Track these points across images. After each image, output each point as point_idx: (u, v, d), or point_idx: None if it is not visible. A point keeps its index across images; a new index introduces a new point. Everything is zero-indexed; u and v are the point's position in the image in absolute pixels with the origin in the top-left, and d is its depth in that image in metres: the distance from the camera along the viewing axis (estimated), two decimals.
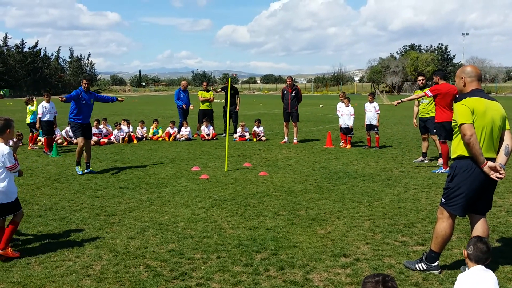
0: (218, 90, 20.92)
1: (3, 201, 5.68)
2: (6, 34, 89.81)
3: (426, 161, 12.45)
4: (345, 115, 15.66)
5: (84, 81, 11.52)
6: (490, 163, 4.91)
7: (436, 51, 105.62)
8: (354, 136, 16.61)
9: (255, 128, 17.94)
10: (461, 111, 4.98)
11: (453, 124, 5.17)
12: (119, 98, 12.42)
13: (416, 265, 5.37)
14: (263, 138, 17.56)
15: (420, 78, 12.67)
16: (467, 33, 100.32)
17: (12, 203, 5.78)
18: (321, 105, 43.60)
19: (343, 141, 15.86)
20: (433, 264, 5.28)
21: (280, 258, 5.68)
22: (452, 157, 5.24)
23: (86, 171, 11.22)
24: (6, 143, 5.84)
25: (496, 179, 4.94)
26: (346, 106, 15.72)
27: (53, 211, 7.82)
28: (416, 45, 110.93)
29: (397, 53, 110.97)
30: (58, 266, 5.47)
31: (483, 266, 3.85)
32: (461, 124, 4.94)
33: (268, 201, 8.44)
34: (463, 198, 5.08)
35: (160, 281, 5.07)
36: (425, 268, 5.31)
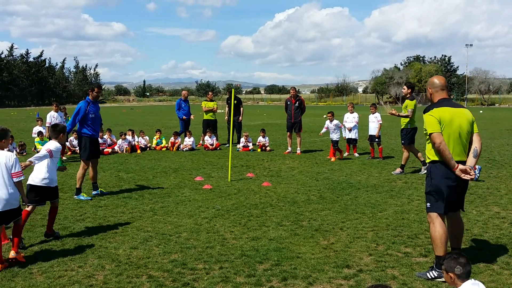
0: (226, 109, 19.67)
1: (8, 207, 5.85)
2: (12, 45, 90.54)
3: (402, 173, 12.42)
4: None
5: (96, 89, 9.94)
6: (460, 166, 5.36)
7: (440, 62, 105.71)
8: (358, 147, 16.58)
9: (260, 138, 17.95)
10: (429, 122, 5.49)
11: (424, 132, 5.60)
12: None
13: (428, 273, 5.46)
14: (268, 148, 17.57)
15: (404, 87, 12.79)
16: (471, 45, 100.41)
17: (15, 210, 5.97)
18: (324, 116, 43.66)
19: (347, 152, 15.90)
20: None
21: (283, 269, 5.67)
22: (427, 161, 5.71)
23: (94, 192, 9.80)
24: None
25: (467, 179, 5.39)
26: (331, 121, 15.28)
27: (56, 220, 7.81)
28: (420, 56, 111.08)
29: (401, 64, 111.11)
30: (60, 276, 5.47)
31: (471, 279, 3.81)
32: (430, 134, 5.45)
33: (271, 211, 8.43)
34: (442, 196, 5.49)
35: None
36: (436, 275, 5.39)
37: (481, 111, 59.28)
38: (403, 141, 12.56)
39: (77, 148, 16.79)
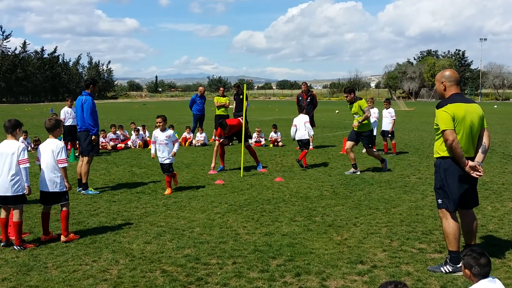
0: (234, 105, 18.87)
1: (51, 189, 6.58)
2: (24, 41, 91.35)
3: (358, 172, 11.73)
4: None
5: (97, 83, 10.10)
6: (470, 163, 5.34)
7: (454, 57, 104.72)
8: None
9: (272, 133, 17.93)
10: (443, 118, 5.37)
11: (435, 127, 5.55)
12: None
13: (442, 268, 5.44)
14: (280, 144, 17.55)
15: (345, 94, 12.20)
16: (485, 39, 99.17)
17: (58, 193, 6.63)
18: (337, 111, 43.47)
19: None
20: (458, 265, 5.31)
21: (296, 264, 5.65)
22: (435, 156, 5.64)
23: (84, 191, 9.59)
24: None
25: (476, 176, 5.38)
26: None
27: (71, 215, 7.86)
28: (433, 51, 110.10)
29: (414, 59, 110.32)
30: (75, 270, 5.51)
31: (489, 277, 3.77)
32: (443, 130, 5.35)
33: (284, 207, 8.41)
34: (453, 193, 5.45)
35: (176, 286, 5.07)
36: (450, 270, 5.38)
37: (495, 106, 58.71)
38: (370, 145, 11.88)
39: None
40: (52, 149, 6.57)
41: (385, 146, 15.28)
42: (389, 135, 15.05)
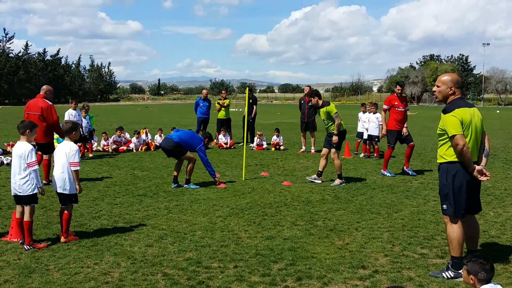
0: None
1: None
2: (26, 42, 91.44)
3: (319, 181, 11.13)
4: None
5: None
6: (477, 167, 5.36)
7: (457, 62, 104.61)
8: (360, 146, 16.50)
9: (274, 137, 17.93)
10: (452, 122, 5.33)
11: (439, 132, 5.54)
12: None
13: (443, 273, 5.42)
14: (282, 148, 17.55)
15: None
16: (488, 44, 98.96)
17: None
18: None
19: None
20: (460, 271, 5.27)
21: (297, 268, 5.65)
22: (439, 162, 5.61)
23: (187, 185, 10.61)
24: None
25: (484, 180, 5.41)
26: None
27: (72, 217, 7.86)
28: (436, 55, 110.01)
29: (417, 63, 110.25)
30: (76, 272, 5.51)
31: (492, 283, 3.77)
32: (453, 135, 5.30)
33: (285, 211, 8.41)
34: (460, 199, 5.43)
35: None
36: (452, 275, 5.36)
37: (498, 111, 58.60)
38: (339, 149, 10.91)
39: (111, 145, 16.79)
40: (66, 151, 6.64)
41: (367, 150, 15.47)
42: (376, 139, 15.20)
